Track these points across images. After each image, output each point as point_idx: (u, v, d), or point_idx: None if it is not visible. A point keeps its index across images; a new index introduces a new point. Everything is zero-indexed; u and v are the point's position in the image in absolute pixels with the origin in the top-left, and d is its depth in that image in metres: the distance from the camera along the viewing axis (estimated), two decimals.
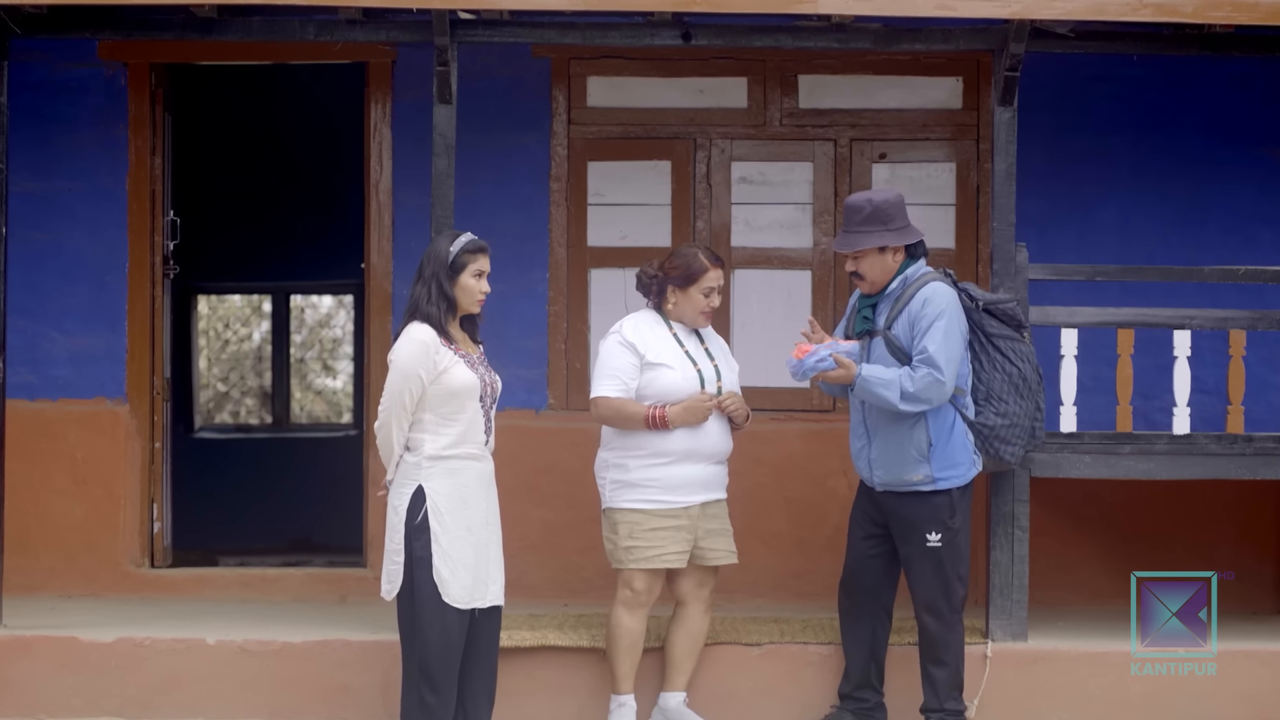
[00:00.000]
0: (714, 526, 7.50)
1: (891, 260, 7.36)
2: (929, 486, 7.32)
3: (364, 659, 7.91)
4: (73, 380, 9.28)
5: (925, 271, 7.38)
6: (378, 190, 9.29)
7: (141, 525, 9.31)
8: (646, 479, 7.40)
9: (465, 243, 6.88)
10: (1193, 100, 9.27)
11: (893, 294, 7.36)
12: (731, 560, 7.57)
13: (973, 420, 7.41)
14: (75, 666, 7.90)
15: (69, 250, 9.27)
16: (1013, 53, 7.84)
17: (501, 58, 9.02)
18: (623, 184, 9.27)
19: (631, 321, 7.54)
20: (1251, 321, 8.15)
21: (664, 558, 7.40)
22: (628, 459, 7.43)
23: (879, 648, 7.65)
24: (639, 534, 7.39)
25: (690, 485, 7.41)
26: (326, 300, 17.58)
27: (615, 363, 7.43)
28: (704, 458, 7.43)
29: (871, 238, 7.32)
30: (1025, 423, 7.52)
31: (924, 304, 7.24)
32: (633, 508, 7.41)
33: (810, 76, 9.29)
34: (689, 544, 7.44)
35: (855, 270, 7.40)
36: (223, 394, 17.74)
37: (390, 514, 6.87)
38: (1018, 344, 7.52)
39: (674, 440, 7.36)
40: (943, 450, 7.31)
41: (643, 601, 7.50)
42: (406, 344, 6.78)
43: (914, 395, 7.20)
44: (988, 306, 7.48)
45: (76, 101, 9.28)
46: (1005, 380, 7.46)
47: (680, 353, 7.45)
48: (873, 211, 7.34)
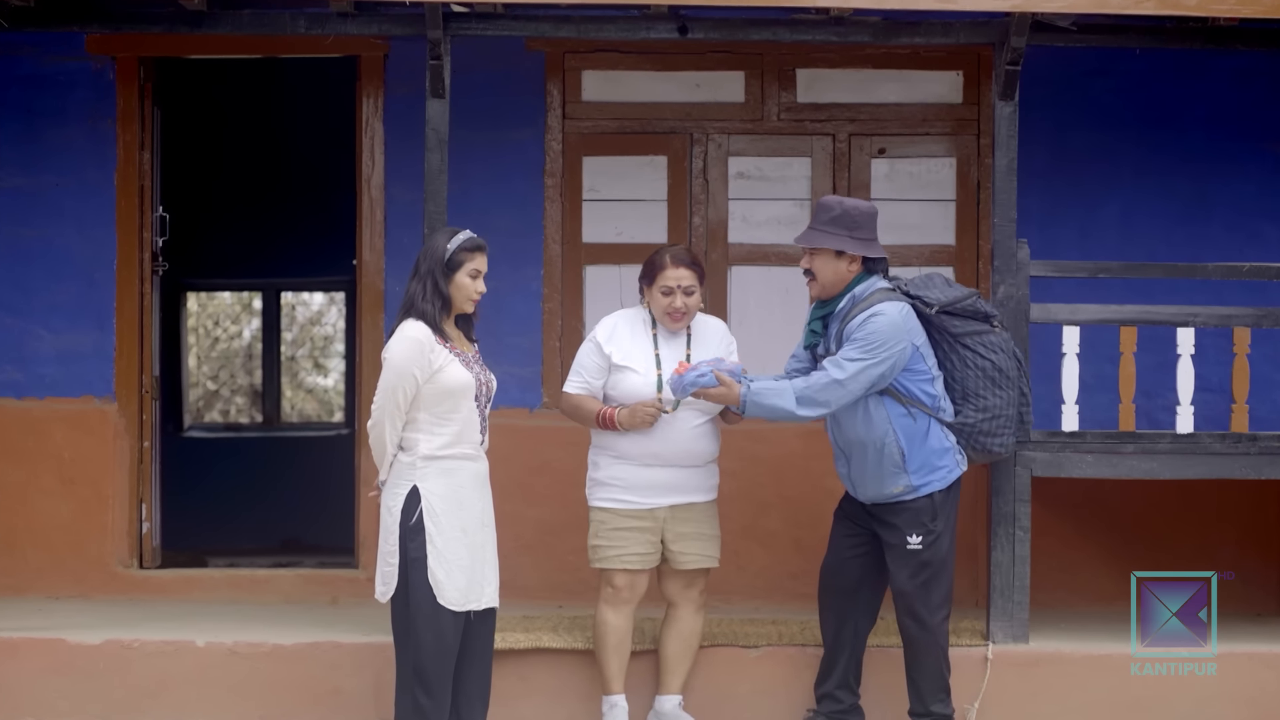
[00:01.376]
0: (685, 530, 7.49)
1: (846, 269, 7.32)
2: (911, 495, 7.32)
3: (356, 661, 7.91)
4: (60, 378, 9.27)
5: (876, 289, 7.31)
6: (369, 186, 9.28)
7: (130, 526, 9.30)
8: (611, 478, 7.46)
9: (463, 240, 6.87)
10: (1196, 95, 9.27)
11: (841, 312, 7.33)
12: (706, 564, 7.55)
13: (952, 421, 7.39)
14: (62, 669, 7.89)
15: (56, 246, 9.26)
16: (1014, 46, 7.83)
17: (495, 51, 9.01)
18: (618, 179, 9.27)
19: (610, 320, 7.57)
20: (1256, 319, 8.14)
21: (624, 558, 7.44)
22: (600, 457, 7.52)
23: (858, 648, 7.65)
24: (604, 533, 7.47)
25: (655, 487, 7.43)
26: (318, 297, 17.61)
27: (584, 361, 7.52)
28: (670, 461, 7.42)
29: (831, 239, 7.29)
30: (1009, 412, 7.48)
31: (869, 318, 7.18)
32: (601, 506, 7.50)
33: (808, 70, 9.29)
34: (654, 546, 7.46)
35: (809, 268, 7.38)
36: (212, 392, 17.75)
37: (384, 515, 6.85)
38: (987, 336, 7.47)
39: (632, 443, 7.39)
40: (918, 458, 7.29)
41: (625, 599, 7.51)
42: (400, 341, 6.76)
43: (810, 398, 7.18)
44: (945, 309, 7.44)
45: (64, 96, 9.26)
46: (979, 375, 7.43)
47: (651, 355, 7.46)
48: (841, 214, 7.31)
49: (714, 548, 7.58)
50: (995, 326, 7.50)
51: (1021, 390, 7.57)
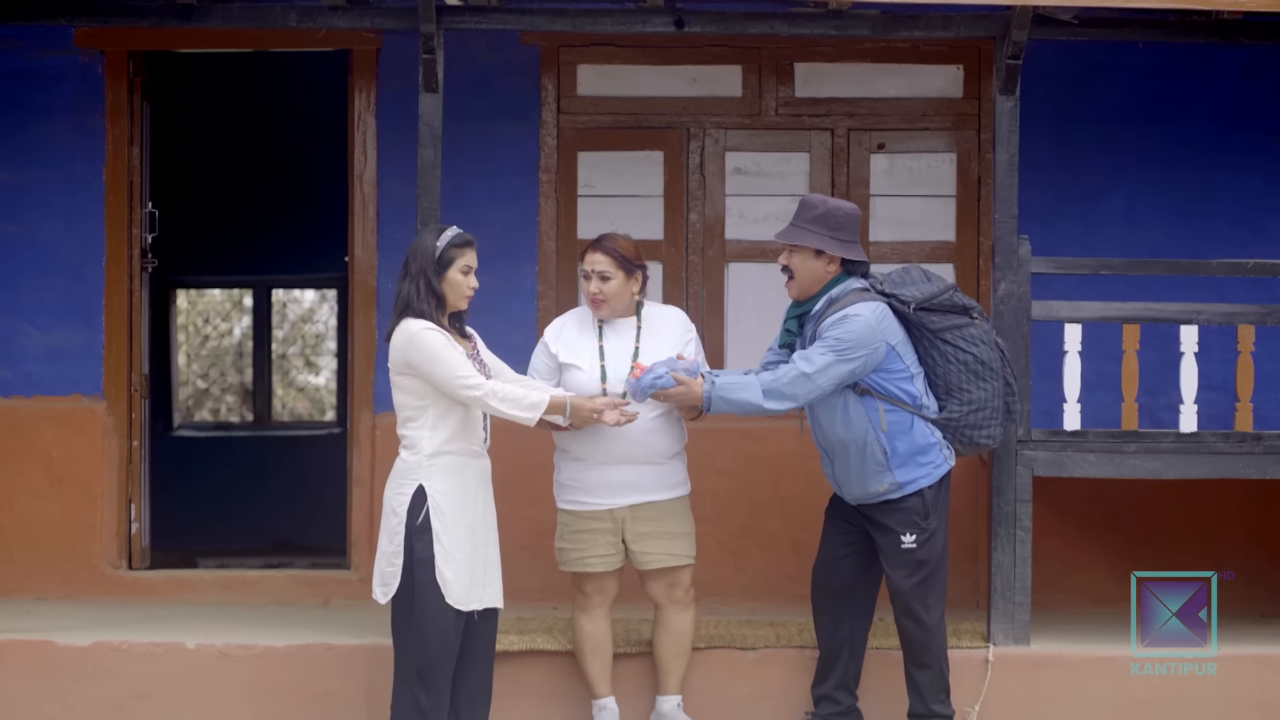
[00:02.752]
0: (645, 529, 7.45)
1: (824, 270, 7.31)
2: (898, 493, 7.31)
3: (348, 664, 7.90)
4: (48, 377, 9.26)
5: (851, 290, 7.31)
6: (362, 181, 9.27)
7: (119, 526, 9.29)
8: (569, 479, 7.48)
9: (451, 237, 6.87)
10: (1200, 89, 9.27)
11: (817, 314, 7.32)
12: (672, 563, 7.49)
13: (937, 416, 7.38)
14: (50, 671, 7.89)
15: (44, 243, 9.25)
16: (1015, 40, 7.83)
17: (489, 45, 9.01)
18: (614, 175, 9.27)
19: (559, 320, 7.63)
20: (1260, 316, 8.14)
21: (587, 561, 7.45)
22: (560, 459, 7.54)
23: (856, 649, 7.64)
24: (567, 536, 7.49)
25: (612, 487, 7.41)
26: (309, 294, 17.58)
27: (533, 363, 7.58)
28: (626, 459, 7.39)
29: (811, 238, 7.29)
30: (995, 403, 7.45)
31: (833, 324, 7.19)
32: (564, 508, 7.52)
33: (806, 64, 9.29)
34: (615, 548, 7.45)
35: (787, 265, 7.37)
36: (202, 391, 17.74)
37: (387, 515, 6.85)
38: (967, 329, 7.44)
39: (581, 442, 7.38)
40: (902, 455, 7.28)
41: (595, 603, 7.54)
42: (424, 334, 6.74)
43: (778, 391, 7.18)
44: (922, 305, 7.42)
45: (52, 90, 9.25)
46: (961, 369, 7.41)
47: (594, 351, 7.46)
48: (824, 213, 7.31)
49: (682, 545, 7.52)
50: (975, 319, 7.46)
51: (1007, 381, 7.52)
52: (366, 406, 9.15)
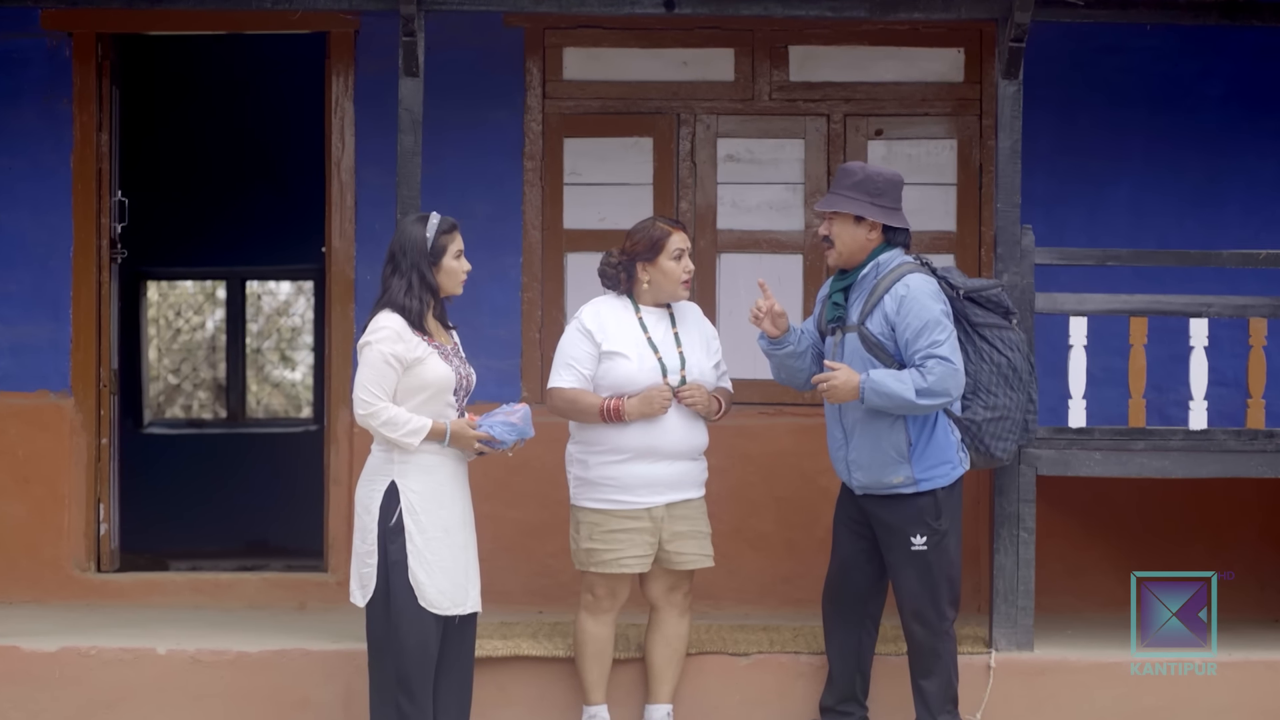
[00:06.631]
0: (682, 529, 7.46)
1: (866, 237, 7.32)
2: (911, 488, 7.30)
3: (325, 670, 7.90)
4: (13, 372, 9.26)
5: (901, 261, 7.32)
6: (339, 169, 9.27)
7: (87, 527, 9.28)
8: (604, 477, 7.40)
9: (439, 224, 6.88)
10: (1210, 73, 9.27)
11: (865, 282, 7.32)
12: (704, 564, 7.53)
13: (959, 416, 7.39)
14: (16, 677, 7.89)
15: (9, 233, 9.25)
16: (1018, 22, 7.83)
17: (471, 27, 8.99)
18: (601, 162, 9.27)
19: (593, 307, 7.52)
20: (1273, 309, 8.15)
21: (622, 562, 7.39)
22: (588, 455, 7.44)
23: (865, 658, 7.63)
24: (598, 536, 7.40)
25: (651, 485, 7.39)
26: (285, 286, 17.59)
27: (572, 352, 7.44)
28: (666, 455, 7.39)
29: (852, 204, 7.29)
30: (1017, 415, 7.49)
31: (905, 299, 7.18)
32: (594, 508, 7.42)
33: (801, 48, 9.29)
34: (651, 548, 7.42)
35: (827, 234, 7.38)
36: (174, 387, 17.74)
37: (360, 514, 6.85)
38: (1006, 332, 7.48)
39: (630, 436, 7.34)
40: (924, 449, 7.28)
41: (605, 607, 7.51)
42: (379, 330, 6.74)
43: (929, 390, 7.13)
44: (970, 294, 7.44)
45: (17, 74, 9.24)
46: (994, 371, 7.44)
47: (642, 340, 7.43)
48: (864, 179, 7.31)
49: (709, 546, 7.56)
50: (1014, 324, 7.51)
51: (1029, 395, 7.57)
52: (344, 403, 9.12)
